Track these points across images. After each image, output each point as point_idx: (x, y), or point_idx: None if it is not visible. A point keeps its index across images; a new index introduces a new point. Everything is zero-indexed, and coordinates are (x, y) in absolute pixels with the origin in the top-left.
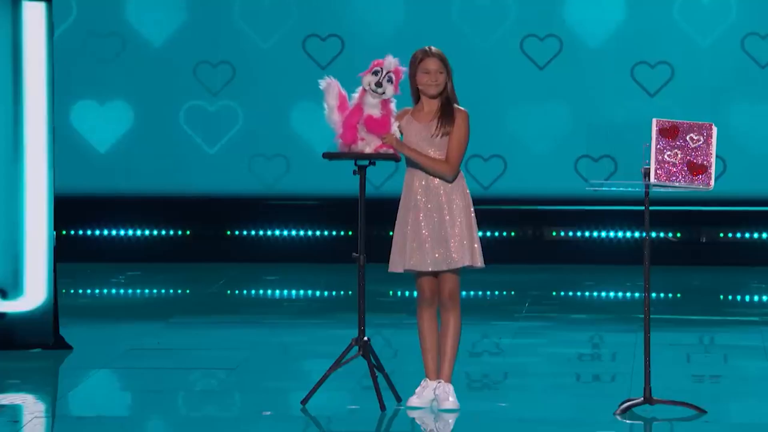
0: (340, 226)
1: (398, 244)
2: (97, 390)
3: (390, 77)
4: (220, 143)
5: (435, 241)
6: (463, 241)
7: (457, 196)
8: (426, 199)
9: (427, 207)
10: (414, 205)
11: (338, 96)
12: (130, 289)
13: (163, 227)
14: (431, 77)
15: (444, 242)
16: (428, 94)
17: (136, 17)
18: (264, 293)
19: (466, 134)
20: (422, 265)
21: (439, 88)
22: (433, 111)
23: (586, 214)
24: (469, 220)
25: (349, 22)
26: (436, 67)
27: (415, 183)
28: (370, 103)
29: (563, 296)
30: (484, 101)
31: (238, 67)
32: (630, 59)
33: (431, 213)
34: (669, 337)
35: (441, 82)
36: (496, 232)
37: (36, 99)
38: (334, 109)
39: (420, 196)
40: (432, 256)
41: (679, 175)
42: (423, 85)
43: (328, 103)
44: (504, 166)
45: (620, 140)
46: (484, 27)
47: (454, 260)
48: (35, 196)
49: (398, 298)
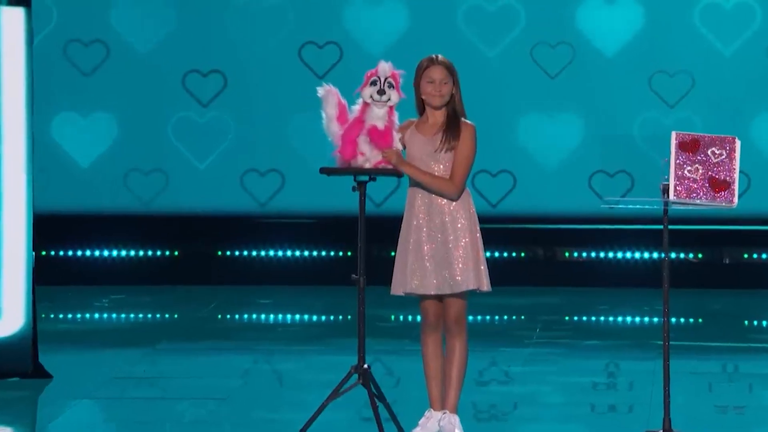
0: (339, 246)
1: (400, 265)
2: (78, 421)
3: (390, 83)
4: (210, 157)
5: (438, 263)
6: (468, 262)
7: (462, 215)
8: (429, 218)
9: (430, 226)
10: (416, 224)
11: (337, 105)
12: (114, 314)
13: (150, 247)
14: (435, 87)
15: (448, 264)
16: (432, 106)
17: (122, 23)
18: (257, 318)
19: (472, 150)
20: (424, 288)
21: (444, 99)
22: (438, 123)
23: (601, 234)
24: (475, 241)
25: (349, 29)
26: (441, 76)
27: (417, 201)
28: (377, 114)
29: (576, 321)
30: (492, 113)
31: (230, 77)
32: (648, 68)
33: (434, 233)
34: (690, 365)
35: (446, 93)
36: (505, 252)
37: (14, 110)
38: (333, 119)
39: (422, 214)
40: (435, 278)
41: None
42: (426, 96)
43: (326, 113)
44: (513, 182)
45: (637, 154)
46: (492, 34)
47: (458, 283)
48: (13, 214)
49: (400, 322)
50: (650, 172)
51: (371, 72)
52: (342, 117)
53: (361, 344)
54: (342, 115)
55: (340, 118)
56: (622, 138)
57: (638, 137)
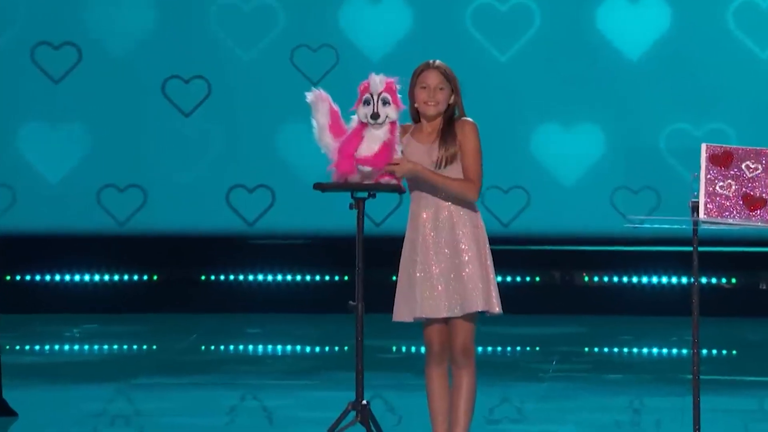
0: (335, 270)
1: (404, 287)
2: None
3: (384, 99)
4: (193, 172)
5: (448, 283)
6: (478, 281)
7: (471, 229)
8: (435, 233)
9: (438, 242)
10: (422, 240)
11: (329, 113)
12: (86, 345)
13: (126, 271)
14: (429, 93)
15: (457, 283)
16: (426, 115)
17: (95, 24)
18: (244, 349)
19: (477, 145)
20: (436, 310)
21: (438, 108)
22: (437, 130)
23: (624, 256)
24: (484, 257)
25: (345, 31)
26: (436, 82)
27: (423, 214)
28: (376, 135)
29: (597, 353)
30: (503, 122)
31: (215, 83)
32: (675, 73)
33: (442, 249)
34: (722, 402)
35: (441, 100)
36: (518, 276)
37: None
38: (325, 129)
39: (429, 229)
40: (446, 299)
41: (734, 210)
42: (420, 103)
43: (317, 121)
44: (527, 199)
45: (664, 169)
46: (503, 36)
47: (469, 303)
48: None
49: (402, 354)
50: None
51: (363, 86)
52: (335, 125)
53: (359, 378)
54: (335, 123)
55: (333, 127)
56: (648, 151)
57: (665, 150)
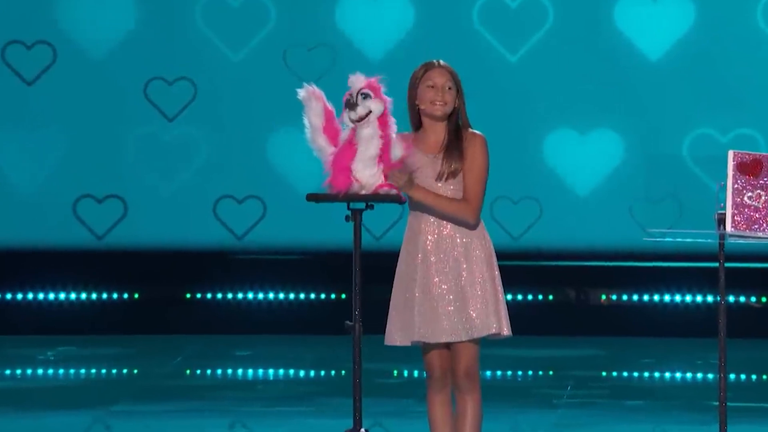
0: (330, 288)
1: (399, 307)
2: None
3: (365, 93)
4: (177, 182)
5: (451, 304)
6: (487, 302)
7: (477, 246)
8: (438, 250)
9: (440, 259)
10: (423, 258)
11: (323, 113)
12: (62, 369)
13: (105, 289)
14: (437, 93)
15: (462, 305)
16: (434, 116)
17: (71, 21)
18: (233, 373)
19: (485, 164)
20: (436, 334)
21: (447, 108)
22: (441, 140)
23: (644, 273)
24: (493, 275)
25: (342, 29)
26: (444, 80)
27: (423, 230)
28: (366, 134)
29: (615, 377)
30: (514, 128)
31: (201, 85)
32: (699, 74)
33: (445, 267)
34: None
35: (449, 100)
36: (529, 294)
37: None
38: (319, 130)
39: (430, 246)
40: (447, 322)
41: (763, 222)
42: (426, 104)
43: (310, 122)
44: (539, 210)
45: (687, 178)
46: (513, 34)
47: (476, 326)
48: None
49: (404, 379)
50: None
51: (347, 93)
52: (329, 127)
53: (357, 405)
54: (329, 124)
55: (328, 129)
56: (670, 158)
57: (688, 157)
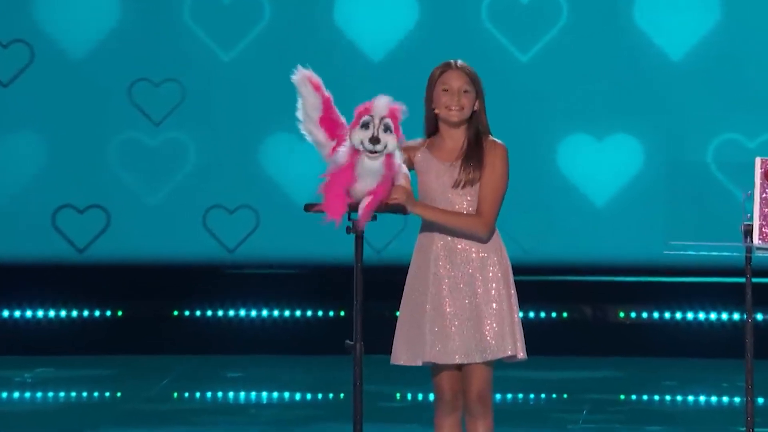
0: (329, 304)
1: (408, 325)
2: None
3: (387, 124)
4: (164, 190)
5: (464, 324)
6: (503, 322)
7: (494, 261)
8: (450, 266)
9: (453, 277)
10: (434, 273)
11: (321, 102)
12: (39, 392)
13: (85, 306)
14: (452, 97)
15: (477, 325)
16: (449, 122)
17: (50, 19)
18: (224, 396)
19: (503, 177)
20: (447, 355)
21: (464, 114)
22: (459, 146)
23: (666, 288)
24: (509, 294)
25: (342, 27)
26: (460, 83)
27: (435, 245)
28: (370, 168)
29: (635, 401)
30: (524, 133)
31: (189, 87)
32: (725, 75)
33: (458, 284)
34: None
35: (466, 105)
36: (542, 311)
37: None
38: (316, 122)
39: (441, 262)
40: (461, 343)
41: None
42: (441, 109)
43: (304, 111)
44: (552, 221)
45: (711, 186)
46: (524, 32)
47: (491, 348)
48: None
49: (408, 402)
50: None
51: (363, 108)
52: (326, 117)
53: (357, 429)
54: (327, 113)
55: (325, 120)
56: (693, 165)
57: (713, 164)
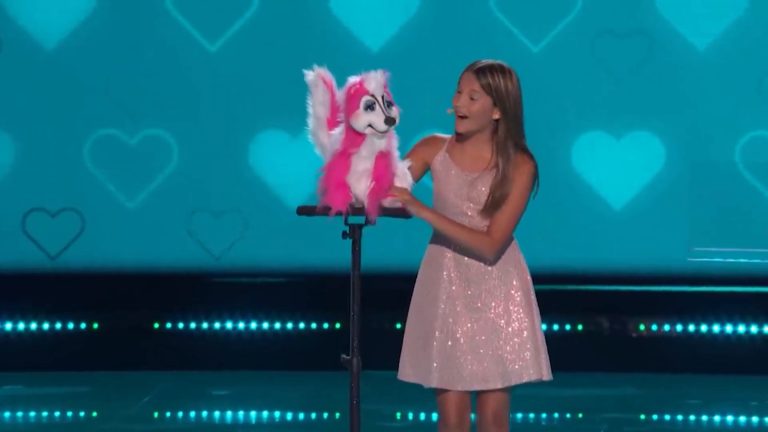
0: (323, 315)
1: (415, 344)
2: None
3: (388, 100)
4: (144, 192)
5: (481, 346)
6: (526, 343)
7: (515, 277)
8: (466, 284)
9: (468, 295)
10: (445, 287)
11: (330, 102)
12: (8, 412)
13: (58, 317)
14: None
15: (495, 345)
16: (455, 130)
17: (20, 8)
18: (209, 416)
19: (525, 196)
20: (462, 382)
21: (468, 125)
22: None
23: (690, 298)
24: (530, 310)
25: (337, 13)
26: (471, 87)
27: (447, 258)
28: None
29: (656, 420)
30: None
31: (172, 80)
32: (753, 66)
33: (473, 300)
34: None
35: (475, 113)
36: (555, 324)
37: None
38: (323, 122)
39: (454, 275)
40: (477, 367)
41: None
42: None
43: (314, 112)
44: (566, 225)
45: (740, 188)
46: (536, 21)
47: (514, 372)
48: None
49: (408, 422)
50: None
51: (357, 89)
52: (333, 121)
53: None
54: (333, 115)
55: (332, 123)
56: (719, 165)
57: (741, 164)
